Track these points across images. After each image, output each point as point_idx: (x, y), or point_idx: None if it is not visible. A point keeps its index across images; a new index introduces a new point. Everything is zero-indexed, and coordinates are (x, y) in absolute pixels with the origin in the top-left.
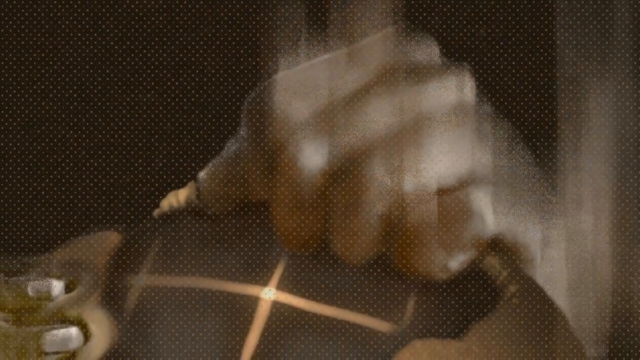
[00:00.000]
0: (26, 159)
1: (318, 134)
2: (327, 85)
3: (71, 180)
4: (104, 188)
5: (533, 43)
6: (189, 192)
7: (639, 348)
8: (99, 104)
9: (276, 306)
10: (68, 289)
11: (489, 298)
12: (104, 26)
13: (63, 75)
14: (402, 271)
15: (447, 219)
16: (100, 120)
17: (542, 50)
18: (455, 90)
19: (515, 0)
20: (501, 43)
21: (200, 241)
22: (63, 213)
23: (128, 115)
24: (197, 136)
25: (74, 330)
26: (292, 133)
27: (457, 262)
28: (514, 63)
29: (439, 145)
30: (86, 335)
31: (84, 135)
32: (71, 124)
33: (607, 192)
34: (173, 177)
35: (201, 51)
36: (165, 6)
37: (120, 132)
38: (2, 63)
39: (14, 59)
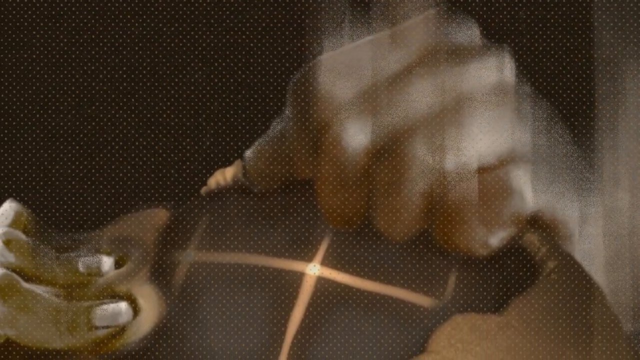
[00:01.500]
0: (77, 137)
1: (362, 114)
2: (371, 66)
3: (121, 159)
4: (153, 166)
5: (571, 25)
6: (235, 170)
7: None
8: (148, 84)
9: (321, 282)
10: (118, 264)
11: (528, 274)
12: (152, 8)
13: (113, 57)
14: (444, 247)
15: (488, 196)
16: (149, 100)
17: (580, 32)
18: (495, 71)
19: None
20: (540, 25)
21: (246, 218)
22: (113, 191)
23: (177, 96)
24: (244, 116)
25: (123, 305)
26: (337, 113)
27: (497, 238)
28: (552, 44)
29: (479, 125)
30: (135, 310)
31: (133, 115)
32: (121, 104)
33: None
34: (220, 155)
35: (248, 33)
36: None
37: (168, 111)
38: (54, 45)
39: (65, 40)
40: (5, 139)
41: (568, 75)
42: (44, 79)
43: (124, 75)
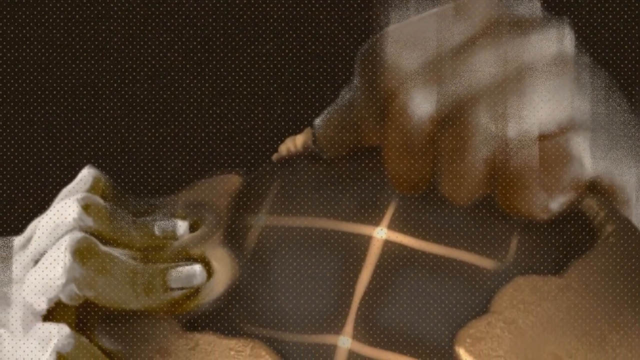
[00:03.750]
0: (153, 106)
1: (427, 83)
2: (436, 37)
3: (195, 127)
4: (226, 134)
5: None
6: (306, 137)
7: None
8: (222, 54)
9: (387, 245)
10: (192, 228)
11: (587, 237)
12: None
13: (188, 28)
14: (506, 212)
15: (548, 162)
16: (222, 70)
17: (637, 4)
18: (555, 42)
19: None
20: None
21: (316, 184)
22: (188, 157)
23: (249, 66)
24: (314, 85)
25: (197, 268)
26: (403, 82)
27: (557, 203)
28: (610, 16)
29: (540, 94)
30: (209, 272)
31: (207, 84)
32: (195, 73)
33: None
34: (291, 123)
35: (318, 5)
36: None
37: (241, 81)
38: (131, 17)
39: (142, 12)
40: (84, 107)
41: (626, 46)
42: (121, 49)
43: (198, 46)
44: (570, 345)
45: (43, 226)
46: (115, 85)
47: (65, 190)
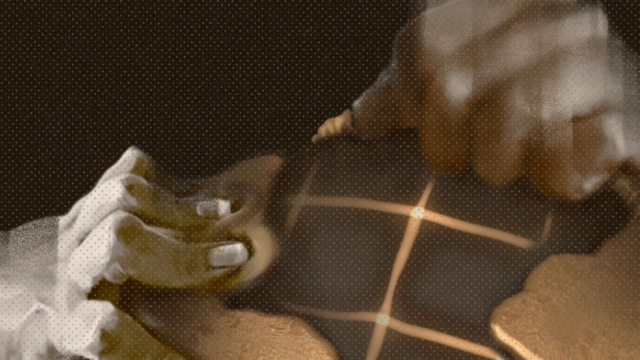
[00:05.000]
0: (195, 89)
1: (463, 66)
2: (472, 21)
3: (237, 109)
4: (267, 116)
5: None
6: (344, 119)
7: None
8: (262, 38)
9: (425, 224)
10: (234, 208)
11: (620, 217)
12: None
13: (229, 12)
14: (541, 192)
15: (582, 144)
16: (263, 53)
17: None
18: (589, 25)
19: None
20: None
21: (354, 164)
22: (229, 138)
23: (289, 49)
24: (352, 68)
25: (239, 247)
26: (440, 65)
27: (590, 183)
28: None
29: (574, 77)
30: (250, 251)
31: (248, 67)
32: (236, 57)
33: None
34: (330, 105)
35: None
36: None
37: (281, 64)
38: (170, 4)
39: None
40: (128, 90)
41: None
42: (164, 33)
43: (240, 30)
44: (603, 323)
45: (88, 206)
46: (158, 68)
47: (109, 171)
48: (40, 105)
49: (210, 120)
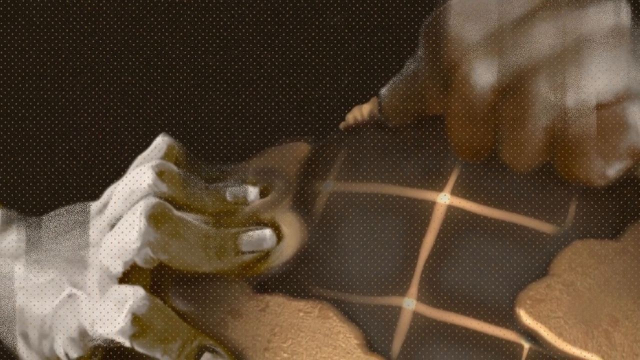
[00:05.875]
0: (225, 76)
1: (489, 54)
2: (497, 10)
3: (266, 96)
4: (295, 103)
5: None
6: (372, 106)
7: None
8: (291, 27)
9: (451, 210)
10: (262, 194)
11: None
12: None
13: (258, 1)
14: (565, 178)
15: (605, 131)
16: (292, 41)
17: None
18: (612, 14)
19: None
20: None
21: (381, 151)
22: (258, 125)
23: (317, 37)
24: (379, 56)
25: (267, 232)
26: (465, 53)
27: (614, 170)
28: None
29: (597, 65)
30: (279, 236)
31: (277, 56)
32: (265, 45)
33: None
34: (357, 93)
35: None
36: None
37: (310, 52)
38: None
39: None
40: (159, 77)
41: None
42: (194, 22)
43: (269, 19)
44: (626, 307)
45: (119, 192)
46: (189, 56)
47: (140, 158)
48: (73, 93)
49: (240, 107)
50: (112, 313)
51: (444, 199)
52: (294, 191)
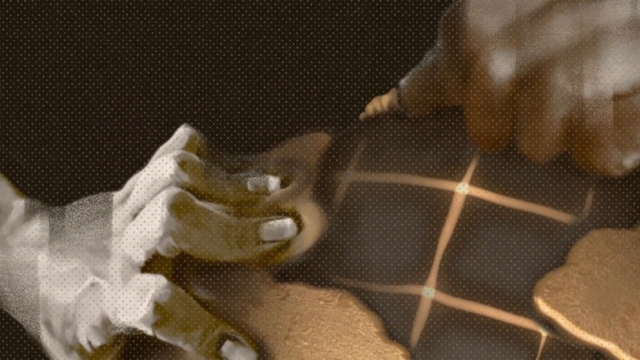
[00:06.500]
0: (246, 67)
1: (507, 46)
2: (515, 2)
3: (286, 87)
4: (316, 94)
5: None
6: (391, 97)
7: None
8: (311, 19)
9: (469, 199)
10: (283, 184)
11: None
12: None
13: None
14: (582, 168)
15: (622, 121)
16: (312, 33)
17: None
18: (629, 6)
19: None
20: None
21: (401, 141)
22: (279, 116)
23: (337, 29)
24: (399, 47)
25: (288, 221)
26: (484, 45)
27: (631, 160)
28: None
29: (614, 56)
30: (299, 225)
31: (297, 47)
32: (286, 36)
33: None
34: (377, 84)
35: None
36: None
37: (330, 43)
38: None
39: None
40: (180, 69)
41: None
42: (215, 14)
43: (289, 11)
44: None
45: (141, 182)
46: (210, 47)
47: (162, 148)
48: (95, 84)
49: (261, 98)
50: (135, 301)
51: (463, 188)
52: (315, 181)
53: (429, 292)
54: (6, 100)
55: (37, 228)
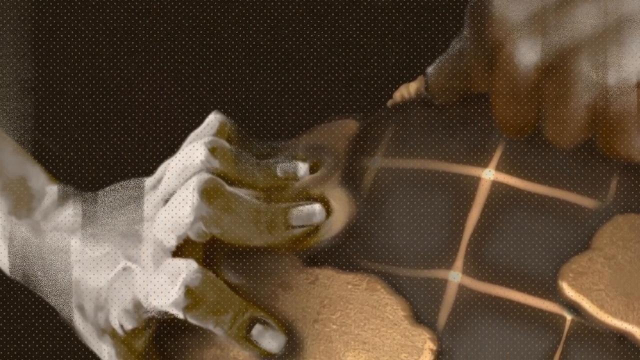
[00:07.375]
0: (275, 55)
1: (532, 34)
2: None
3: (315, 74)
4: (344, 81)
5: None
6: (418, 85)
7: None
8: (340, 7)
9: (495, 185)
10: (312, 170)
11: None
12: None
13: None
14: (606, 154)
15: None
16: (340, 21)
17: None
18: None
19: None
20: None
21: (428, 128)
22: (308, 103)
23: (365, 17)
24: (426, 35)
25: (317, 207)
26: (510, 33)
27: None
28: None
29: (638, 44)
30: (328, 211)
31: (325, 35)
32: (315, 24)
33: None
34: (404, 71)
35: None
36: None
37: (358, 32)
38: None
39: None
40: (211, 57)
41: None
42: (245, 2)
43: None
44: None
45: (172, 168)
46: (240, 35)
47: (193, 134)
48: (128, 71)
49: (290, 85)
50: (166, 285)
51: (489, 174)
52: (343, 167)
53: (455, 276)
54: (40, 87)
55: (70, 213)
